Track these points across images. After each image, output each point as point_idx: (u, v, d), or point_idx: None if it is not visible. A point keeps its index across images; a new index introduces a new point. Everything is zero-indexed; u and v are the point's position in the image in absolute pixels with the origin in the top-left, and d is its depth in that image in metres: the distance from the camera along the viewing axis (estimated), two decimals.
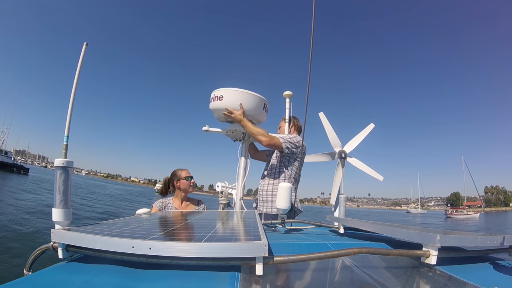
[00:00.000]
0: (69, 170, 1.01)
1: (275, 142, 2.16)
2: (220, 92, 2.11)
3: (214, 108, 2.17)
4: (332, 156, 2.99)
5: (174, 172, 2.41)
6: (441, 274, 0.85)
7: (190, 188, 2.37)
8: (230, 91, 2.10)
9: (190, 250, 0.72)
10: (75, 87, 1.11)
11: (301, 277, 0.83)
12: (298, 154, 2.27)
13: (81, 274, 0.74)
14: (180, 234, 0.97)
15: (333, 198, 2.91)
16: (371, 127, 3.15)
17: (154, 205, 2.31)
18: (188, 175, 2.38)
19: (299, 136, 2.37)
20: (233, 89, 2.10)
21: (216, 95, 2.13)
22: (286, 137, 2.24)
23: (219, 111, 2.15)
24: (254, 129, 2.11)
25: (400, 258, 0.97)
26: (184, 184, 2.34)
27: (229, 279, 0.72)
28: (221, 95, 2.10)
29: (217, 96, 2.12)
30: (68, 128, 1.07)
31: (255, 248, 0.72)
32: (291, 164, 2.32)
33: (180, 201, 2.36)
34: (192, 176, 2.40)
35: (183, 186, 2.34)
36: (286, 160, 2.30)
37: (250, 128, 2.09)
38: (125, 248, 0.74)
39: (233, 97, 2.09)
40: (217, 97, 2.12)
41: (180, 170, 2.41)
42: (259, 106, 2.17)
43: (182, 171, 2.40)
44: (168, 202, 2.34)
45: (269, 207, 2.26)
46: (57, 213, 0.97)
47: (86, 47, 1.18)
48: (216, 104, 2.12)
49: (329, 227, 1.79)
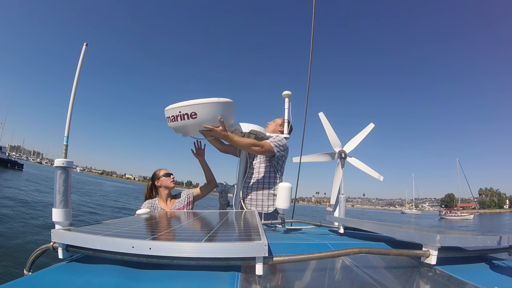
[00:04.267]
0: (69, 170, 1.01)
1: (266, 148, 2.11)
2: (190, 108, 1.81)
3: (186, 128, 1.92)
4: (332, 156, 2.99)
5: (153, 174, 2.44)
6: (441, 274, 0.86)
7: (171, 183, 2.37)
8: (205, 105, 1.82)
9: (190, 250, 0.72)
10: (75, 87, 1.11)
11: (301, 277, 0.83)
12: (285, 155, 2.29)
13: (81, 274, 0.74)
14: (180, 234, 0.97)
15: (333, 198, 2.92)
16: (371, 127, 3.15)
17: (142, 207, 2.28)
18: (166, 172, 2.39)
19: (282, 136, 2.32)
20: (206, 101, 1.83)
21: (184, 113, 1.83)
22: (274, 140, 2.19)
23: (193, 130, 1.94)
24: (242, 142, 2.00)
25: (400, 258, 0.97)
26: (164, 181, 2.35)
27: (229, 279, 0.72)
28: (193, 112, 1.81)
29: (186, 114, 1.82)
30: (68, 128, 1.07)
31: (255, 248, 0.72)
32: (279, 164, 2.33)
33: (165, 200, 2.36)
34: (171, 173, 2.40)
35: (164, 183, 2.34)
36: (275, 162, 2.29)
37: (237, 142, 1.97)
38: (125, 248, 0.74)
39: (210, 111, 1.83)
40: (186, 114, 1.82)
41: (158, 170, 2.43)
42: (232, 111, 1.99)
43: (160, 170, 2.42)
44: (154, 202, 2.35)
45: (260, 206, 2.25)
46: (57, 213, 0.97)
47: (86, 47, 1.18)
48: (187, 123, 1.85)
49: (329, 227, 1.79)
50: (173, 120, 1.90)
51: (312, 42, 2.27)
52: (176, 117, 1.87)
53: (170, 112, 1.90)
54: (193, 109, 1.81)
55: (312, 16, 1.72)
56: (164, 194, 2.36)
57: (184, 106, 1.82)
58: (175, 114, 1.87)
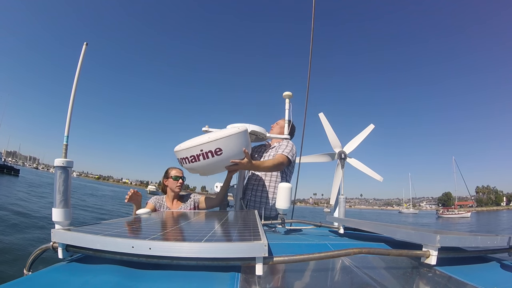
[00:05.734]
0: (69, 170, 1.01)
1: (285, 162, 2.17)
2: (214, 144, 1.62)
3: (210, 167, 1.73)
4: (332, 157, 2.99)
5: (166, 170, 2.35)
6: (441, 274, 0.86)
7: (177, 188, 2.23)
8: (230, 138, 1.64)
9: (190, 250, 0.72)
10: (75, 88, 1.11)
11: (301, 277, 0.83)
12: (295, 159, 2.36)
13: (81, 274, 0.74)
14: (180, 234, 0.97)
15: (332, 199, 2.91)
16: (371, 127, 3.15)
17: (150, 201, 2.26)
18: (176, 175, 2.24)
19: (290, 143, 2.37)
20: (230, 133, 1.65)
21: (207, 150, 1.62)
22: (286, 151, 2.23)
23: (218, 168, 1.76)
24: (268, 166, 2.00)
25: (400, 259, 0.97)
26: (171, 183, 2.25)
27: (229, 279, 0.72)
28: (217, 148, 1.62)
29: (210, 151, 1.62)
30: (68, 128, 1.07)
31: (255, 248, 0.72)
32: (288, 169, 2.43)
33: (171, 200, 2.30)
34: (181, 176, 2.25)
35: (170, 185, 2.26)
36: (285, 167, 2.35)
37: (264, 167, 1.94)
38: (125, 248, 0.74)
39: (236, 143, 1.67)
40: (210, 152, 1.62)
41: (171, 168, 2.32)
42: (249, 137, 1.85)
43: (173, 169, 2.31)
44: (162, 200, 2.30)
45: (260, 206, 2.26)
46: (57, 213, 0.97)
47: (86, 47, 1.18)
48: (212, 161, 1.65)
49: (329, 227, 1.79)
50: (194, 161, 1.68)
51: (311, 42, 2.28)
52: (197, 156, 1.65)
53: (187, 152, 1.68)
54: (218, 145, 1.62)
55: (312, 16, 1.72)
56: (170, 195, 2.30)
57: (206, 143, 1.62)
58: (195, 154, 1.65)
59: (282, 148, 2.25)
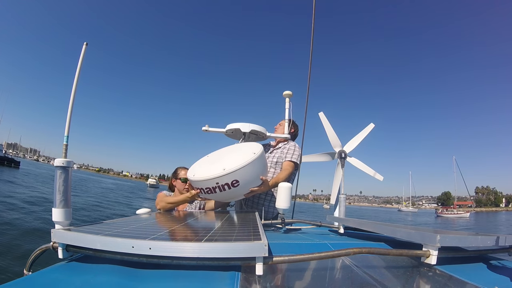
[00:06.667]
0: (69, 170, 1.01)
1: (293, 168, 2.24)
2: (231, 177, 1.55)
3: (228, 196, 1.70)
4: (332, 156, 2.99)
5: (175, 169, 2.31)
6: (441, 274, 0.86)
7: (184, 191, 2.16)
8: (246, 168, 1.57)
9: (190, 250, 0.72)
10: (75, 87, 1.10)
11: (301, 277, 0.83)
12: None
13: (81, 274, 0.74)
14: (180, 234, 0.97)
15: (333, 198, 2.92)
16: (371, 127, 3.15)
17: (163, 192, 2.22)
18: (185, 177, 2.16)
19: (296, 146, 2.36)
20: (246, 162, 1.58)
21: (224, 183, 1.56)
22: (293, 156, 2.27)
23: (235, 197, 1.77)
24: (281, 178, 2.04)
25: (400, 258, 0.97)
26: (178, 185, 2.22)
27: (229, 279, 0.72)
28: (234, 180, 1.56)
29: (227, 184, 1.57)
30: (68, 128, 1.07)
31: (255, 248, 0.72)
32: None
33: None
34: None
35: (178, 186, 2.23)
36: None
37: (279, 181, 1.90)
38: (125, 248, 0.74)
39: (252, 172, 1.63)
40: (227, 184, 1.57)
41: (181, 169, 2.28)
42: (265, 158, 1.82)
43: (182, 170, 2.27)
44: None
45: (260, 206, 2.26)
46: (57, 213, 0.97)
47: (86, 47, 1.18)
48: (229, 193, 1.61)
49: (329, 227, 1.79)
50: (210, 192, 1.63)
51: (312, 42, 2.27)
52: (213, 189, 1.60)
53: (202, 183, 1.62)
54: (234, 177, 1.56)
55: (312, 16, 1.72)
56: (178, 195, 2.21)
57: (222, 176, 1.55)
58: (211, 186, 1.59)
59: (290, 154, 2.27)
